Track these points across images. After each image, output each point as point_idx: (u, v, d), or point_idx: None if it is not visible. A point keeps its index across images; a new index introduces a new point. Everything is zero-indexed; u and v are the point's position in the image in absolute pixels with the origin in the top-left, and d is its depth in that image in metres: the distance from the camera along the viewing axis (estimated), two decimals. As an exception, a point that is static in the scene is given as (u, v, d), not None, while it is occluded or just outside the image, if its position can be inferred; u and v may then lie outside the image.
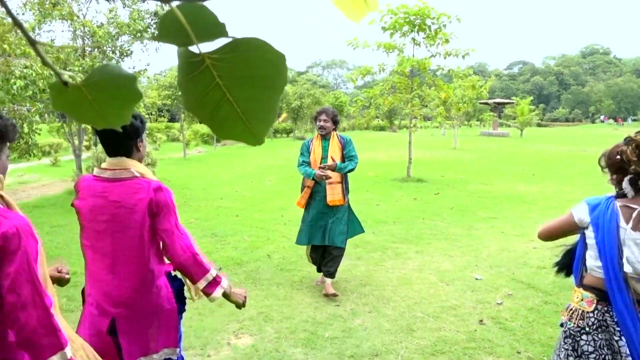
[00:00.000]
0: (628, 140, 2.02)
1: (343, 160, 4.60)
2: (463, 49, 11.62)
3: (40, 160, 11.25)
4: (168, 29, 0.45)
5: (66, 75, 0.48)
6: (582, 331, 2.07)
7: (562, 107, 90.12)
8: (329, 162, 4.56)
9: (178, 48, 0.46)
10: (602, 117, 78.05)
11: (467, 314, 4.24)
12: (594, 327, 2.04)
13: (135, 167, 2.04)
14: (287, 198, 8.95)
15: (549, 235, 2.34)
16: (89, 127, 11.62)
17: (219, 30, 0.45)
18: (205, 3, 0.45)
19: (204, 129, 30.79)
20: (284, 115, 38.50)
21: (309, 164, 4.71)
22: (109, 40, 10.77)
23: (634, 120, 72.59)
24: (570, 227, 2.21)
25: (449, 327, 3.96)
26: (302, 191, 4.77)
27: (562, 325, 2.21)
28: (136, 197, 1.99)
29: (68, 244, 6.32)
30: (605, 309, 2.02)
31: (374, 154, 19.51)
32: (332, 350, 3.56)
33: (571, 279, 2.33)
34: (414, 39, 11.79)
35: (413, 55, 11.97)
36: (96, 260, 2.08)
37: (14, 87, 5.93)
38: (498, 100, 43.28)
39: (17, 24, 0.49)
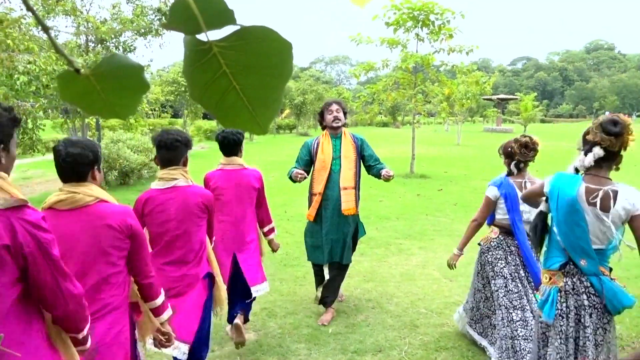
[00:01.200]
0: (516, 140, 3.34)
1: (358, 161, 4.01)
2: (467, 45, 11.57)
3: (44, 156, 11.28)
4: (178, 16, 0.44)
5: (78, 62, 0.48)
6: (488, 247, 3.41)
7: (566, 103, 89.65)
8: (343, 162, 3.92)
9: (185, 36, 0.46)
10: (606, 113, 77.32)
11: (471, 309, 4.23)
12: (494, 246, 3.37)
13: (243, 162, 3.44)
14: (290, 194, 8.95)
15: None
16: (92, 122, 11.64)
17: (227, 17, 0.45)
18: None
19: (207, 125, 30.77)
20: (287, 111, 38.48)
21: (306, 167, 4.00)
22: (113, 36, 10.78)
23: (639, 116, 72.22)
24: (491, 206, 3.40)
25: (453, 323, 3.95)
26: (309, 200, 4.05)
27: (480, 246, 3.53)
28: (249, 180, 3.43)
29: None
30: (503, 237, 3.36)
31: (377, 150, 19.31)
32: (336, 346, 3.57)
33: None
34: (417, 35, 11.75)
35: (417, 51, 11.94)
36: (224, 220, 3.38)
37: (18, 82, 5.93)
38: (502, 96, 43.11)
39: (29, 9, 0.49)
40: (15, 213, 1.45)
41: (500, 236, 3.39)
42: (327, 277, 4.00)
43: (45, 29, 0.48)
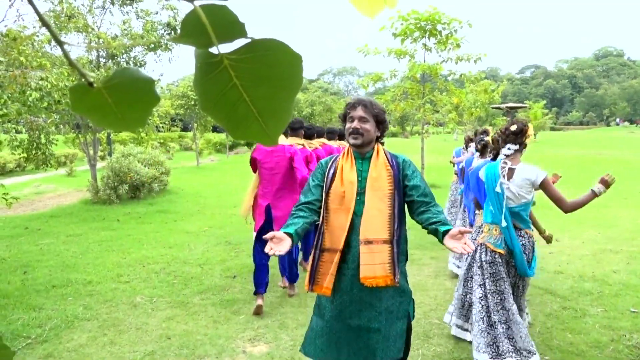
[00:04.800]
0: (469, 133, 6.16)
1: (396, 197, 2.40)
2: (475, 54, 11.57)
3: (57, 171, 11.38)
4: (190, 30, 0.45)
5: (91, 75, 0.49)
6: None
7: (575, 111, 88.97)
8: (368, 198, 2.38)
9: (196, 49, 0.46)
10: (617, 120, 76.86)
11: (484, 320, 4.18)
12: None
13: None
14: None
15: None
16: (104, 137, 11.75)
17: (238, 30, 0.45)
18: (226, 3, 0.45)
19: (216, 138, 30.98)
20: (295, 123, 38.62)
21: (320, 204, 2.47)
22: (123, 51, 10.90)
23: (650, 122, 71.51)
24: None
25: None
26: (315, 259, 2.46)
27: None
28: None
29: (84, 252, 6.37)
30: None
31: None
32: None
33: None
34: (425, 45, 11.77)
35: (424, 61, 11.96)
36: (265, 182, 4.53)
37: (30, 98, 6.01)
38: (511, 104, 42.78)
39: (45, 24, 0.50)
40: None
41: None
42: None
43: (60, 43, 0.49)
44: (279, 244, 2.09)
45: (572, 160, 20.10)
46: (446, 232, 2.16)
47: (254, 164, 4.58)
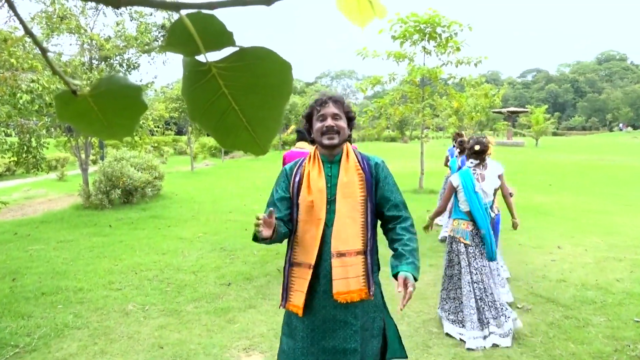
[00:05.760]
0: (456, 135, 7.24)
1: (369, 204, 2.25)
2: (475, 57, 11.51)
3: (47, 175, 11.23)
4: (176, 38, 0.45)
5: (75, 84, 0.48)
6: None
7: (578, 116, 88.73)
8: (339, 206, 2.20)
9: (184, 57, 0.46)
10: (620, 125, 76.10)
11: (485, 330, 4.09)
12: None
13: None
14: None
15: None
16: (96, 141, 11.63)
17: (226, 39, 0.45)
18: (214, 12, 0.45)
19: (211, 142, 30.88)
20: (292, 127, 38.54)
21: (290, 217, 2.28)
22: (116, 53, 10.80)
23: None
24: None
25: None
26: (286, 276, 2.29)
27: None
28: None
29: (75, 259, 6.27)
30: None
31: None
32: (346, 370, 3.43)
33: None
34: (424, 48, 11.71)
35: (424, 64, 11.88)
36: None
37: (21, 101, 5.91)
38: (512, 109, 42.77)
39: (27, 32, 0.50)
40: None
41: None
42: None
43: (43, 51, 0.49)
44: (265, 228, 1.97)
45: (573, 166, 20.04)
46: (396, 275, 2.24)
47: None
